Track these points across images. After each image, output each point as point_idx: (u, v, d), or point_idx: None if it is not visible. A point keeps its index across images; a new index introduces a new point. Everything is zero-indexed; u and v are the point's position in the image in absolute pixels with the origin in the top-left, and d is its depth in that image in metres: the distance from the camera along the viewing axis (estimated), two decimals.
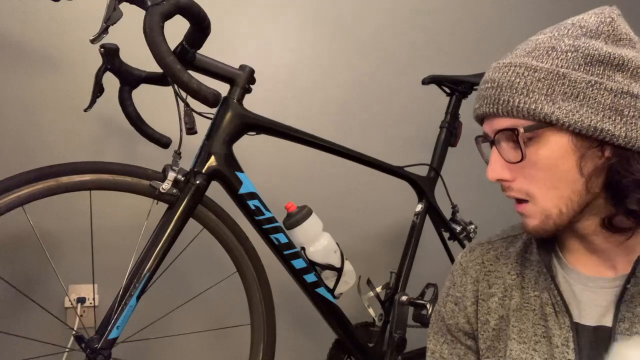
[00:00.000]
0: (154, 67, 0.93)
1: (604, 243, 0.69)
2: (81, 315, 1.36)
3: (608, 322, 0.68)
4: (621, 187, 0.64)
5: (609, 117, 0.63)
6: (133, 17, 0.97)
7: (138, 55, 1.09)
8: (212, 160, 1.04)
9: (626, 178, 0.63)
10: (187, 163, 1.04)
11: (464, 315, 0.82)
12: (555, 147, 0.65)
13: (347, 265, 1.20)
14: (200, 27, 0.96)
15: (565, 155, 0.65)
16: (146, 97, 1.17)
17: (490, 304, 0.79)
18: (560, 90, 0.64)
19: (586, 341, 0.68)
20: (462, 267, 0.85)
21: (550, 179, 0.66)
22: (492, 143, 0.68)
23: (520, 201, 0.69)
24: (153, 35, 0.83)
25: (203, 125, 1.07)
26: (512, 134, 0.66)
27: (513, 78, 0.66)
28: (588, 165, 0.65)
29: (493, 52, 1.09)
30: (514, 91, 0.65)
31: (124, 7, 0.91)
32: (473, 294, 0.81)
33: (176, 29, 0.97)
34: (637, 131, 0.63)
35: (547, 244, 0.76)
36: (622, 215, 0.66)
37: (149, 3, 0.87)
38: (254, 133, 1.12)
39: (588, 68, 0.64)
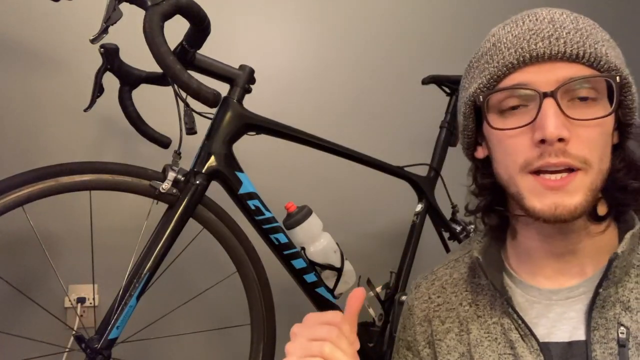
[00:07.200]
0: (154, 67, 0.93)
1: (577, 242, 0.63)
2: (81, 315, 1.36)
3: (581, 334, 0.61)
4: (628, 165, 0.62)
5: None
6: (133, 17, 0.97)
7: (138, 55, 1.09)
8: (212, 160, 1.04)
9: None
10: (187, 163, 1.04)
11: None
12: (609, 110, 0.60)
13: (347, 265, 1.20)
14: (200, 27, 0.96)
15: (611, 120, 0.61)
16: (146, 97, 1.17)
17: (448, 341, 0.70)
18: (618, 53, 0.63)
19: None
20: (408, 307, 0.78)
21: (605, 145, 0.60)
22: (546, 95, 0.58)
23: (564, 171, 0.58)
24: (153, 35, 0.83)
25: (203, 125, 1.07)
26: (600, 83, 0.59)
27: (590, 28, 0.61)
28: (614, 138, 0.62)
29: None
30: (597, 39, 0.60)
31: (124, 7, 0.91)
32: (423, 336, 0.74)
33: (176, 29, 0.97)
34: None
35: (495, 264, 0.70)
36: (605, 199, 0.63)
37: (149, 3, 0.87)
38: (254, 133, 1.12)
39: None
